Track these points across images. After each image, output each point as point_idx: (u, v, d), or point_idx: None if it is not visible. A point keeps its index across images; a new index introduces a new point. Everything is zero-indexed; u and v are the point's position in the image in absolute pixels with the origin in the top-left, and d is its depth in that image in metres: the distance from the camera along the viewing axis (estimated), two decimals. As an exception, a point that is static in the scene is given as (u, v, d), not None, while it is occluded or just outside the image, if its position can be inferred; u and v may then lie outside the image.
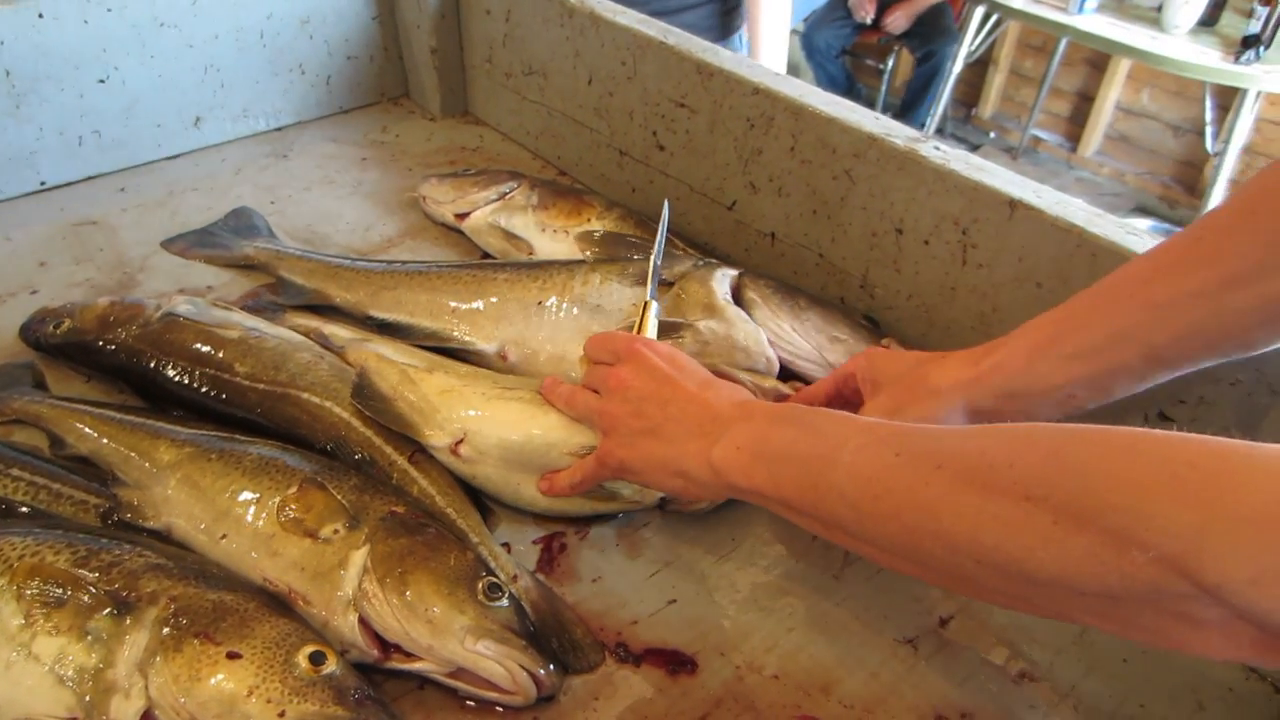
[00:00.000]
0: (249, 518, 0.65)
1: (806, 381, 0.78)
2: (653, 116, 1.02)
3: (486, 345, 0.83)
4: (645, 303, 0.74)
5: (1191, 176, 3.71)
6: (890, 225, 0.81)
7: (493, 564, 0.68)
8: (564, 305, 0.82)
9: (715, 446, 0.57)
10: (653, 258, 0.77)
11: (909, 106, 3.97)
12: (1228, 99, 3.02)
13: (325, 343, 0.84)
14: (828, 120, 0.83)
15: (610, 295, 0.82)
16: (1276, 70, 2.51)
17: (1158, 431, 0.40)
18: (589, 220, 0.99)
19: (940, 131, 4.31)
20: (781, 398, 0.74)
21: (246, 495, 0.67)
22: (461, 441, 0.72)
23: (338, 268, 0.93)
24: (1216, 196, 2.74)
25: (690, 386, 0.62)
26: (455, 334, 0.84)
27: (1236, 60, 2.47)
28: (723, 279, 0.80)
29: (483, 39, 1.24)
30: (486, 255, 1.03)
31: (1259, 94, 2.57)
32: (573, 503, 0.72)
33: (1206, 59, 2.54)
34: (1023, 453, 0.42)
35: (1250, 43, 2.46)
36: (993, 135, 4.38)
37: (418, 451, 0.74)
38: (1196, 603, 0.36)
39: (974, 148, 4.28)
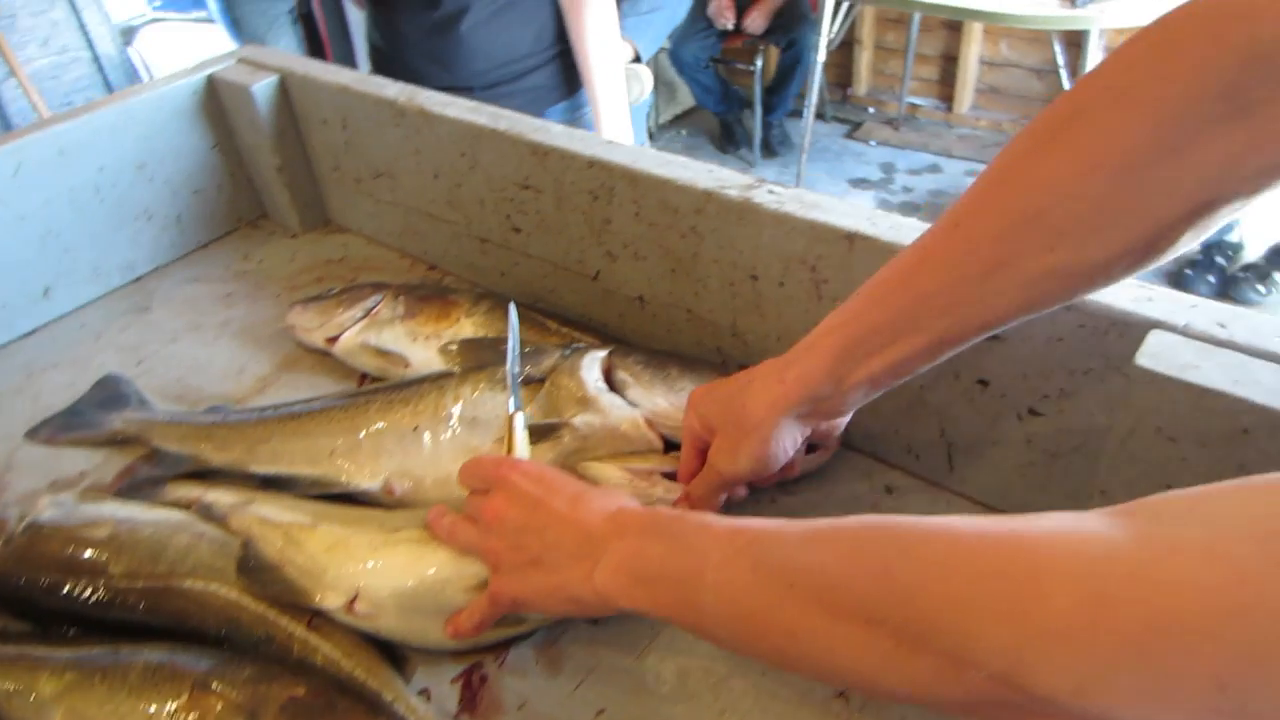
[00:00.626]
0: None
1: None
2: (502, 201, 1.01)
3: (370, 483, 0.80)
4: (509, 416, 0.73)
5: (1065, 114, 3.81)
6: (745, 273, 0.81)
7: None
8: (440, 427, 0.81)
9: (596, 570, 0.56)
10: (508, 367, 0.76)
11: (772, 94, 4.04)
12: (1076, 37, 3.11)
13: (208, 512, 0.81)
14: (663, 182, 0.83)
15: (485, 405, 0.81)
16: (1111, 6, 2.59)
17: (969, 530, 0.39)
18: (458, 320, 0.97)
19: (821, 116, 4.38)
20: (670, 475, 0.74)
21: (138, 717, 0.64)
22: (356, 598, 0.69)
23: (211, 427, 0.90)
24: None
25: (562, 507, 0.61)
26: (338, 478, 0.81)
27: (1074, 4, 2.55)
28: (591, 365, 0.80)
29: (326, 149, 1.22)
30: (367, 376, 1.01)
31: (1101, 32, 2.65)
32: (485, 634, 0.70)
33: (1046, 8, 2.62)
34: (857, 572, 0.42)
35: (1083, -15, 2.55)
36: (871, 110, 4.47)
37: (317, 615, 0.72)
38: (1042, 709, 0.35)
39: (856, 125, 4.37)
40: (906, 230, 0.71)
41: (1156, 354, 0.55)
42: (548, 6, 1.52)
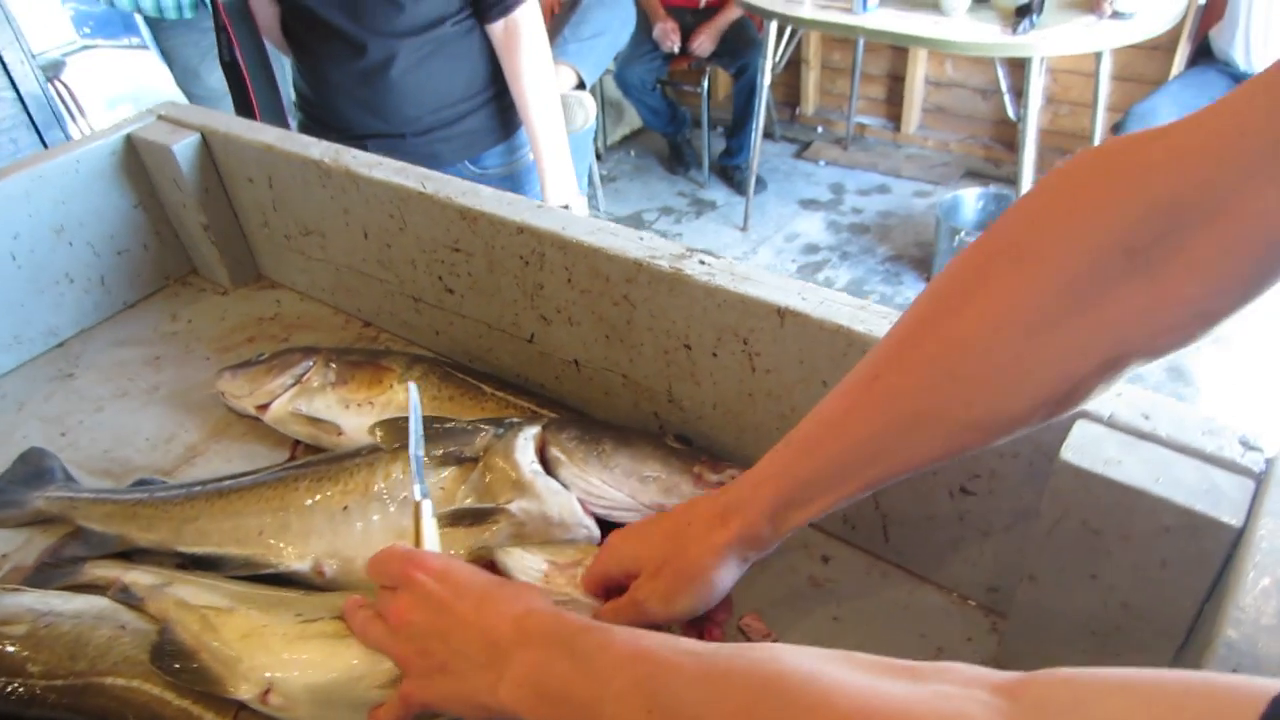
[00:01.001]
0: None
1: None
2: (434, 263, 0.99)
3: (300, 564, 0.78)
4: (415, 505, 0.71)
5: (1009, 134, 3.87)
6: (678, 342, 0.80)
7: (340, 816, 0.64)
8: (370, 506, 0.79)
9: (501, 683, 0.55)
10: (411, 451, 0.74)
11: (739, 124, 4.04)
12: (1019, 60, 3.16)
13: (126, 594, 0.78)
14: (594, 250, 0.81)
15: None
16: (1051, 34, 2.63)
17: (852, 700, 0.39)
18: (390, 386, 0.95)
19: (769, 135, 4.41)
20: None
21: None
22: (270, 690, 0.67)
23: (136, 505, 0.87)
24: (1030, 156, 2.85)
25: (468, 611, 0.59)
26: (267, 558, 0.79)
27: (1015, 31, 2.58)
28: (525, 446, 0.78)
29: (253, 206, 1.19)
30: (300, 444, 0.98)
31: (1042, 59, 2.69)
32: None
33: (987, 35, 2.65)
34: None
35: (1023, 12, 2.58)
36: (820, 130, 4.50)
37: (241, 710, 0.69)
38: None
39: (805, 145, 4.40)
40: (836, 306, 0.70)
41: (1081, 447, 0.55)
42: (479, 49, 1.50)
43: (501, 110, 1.55)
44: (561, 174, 1.58)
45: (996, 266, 0.48)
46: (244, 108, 1.51)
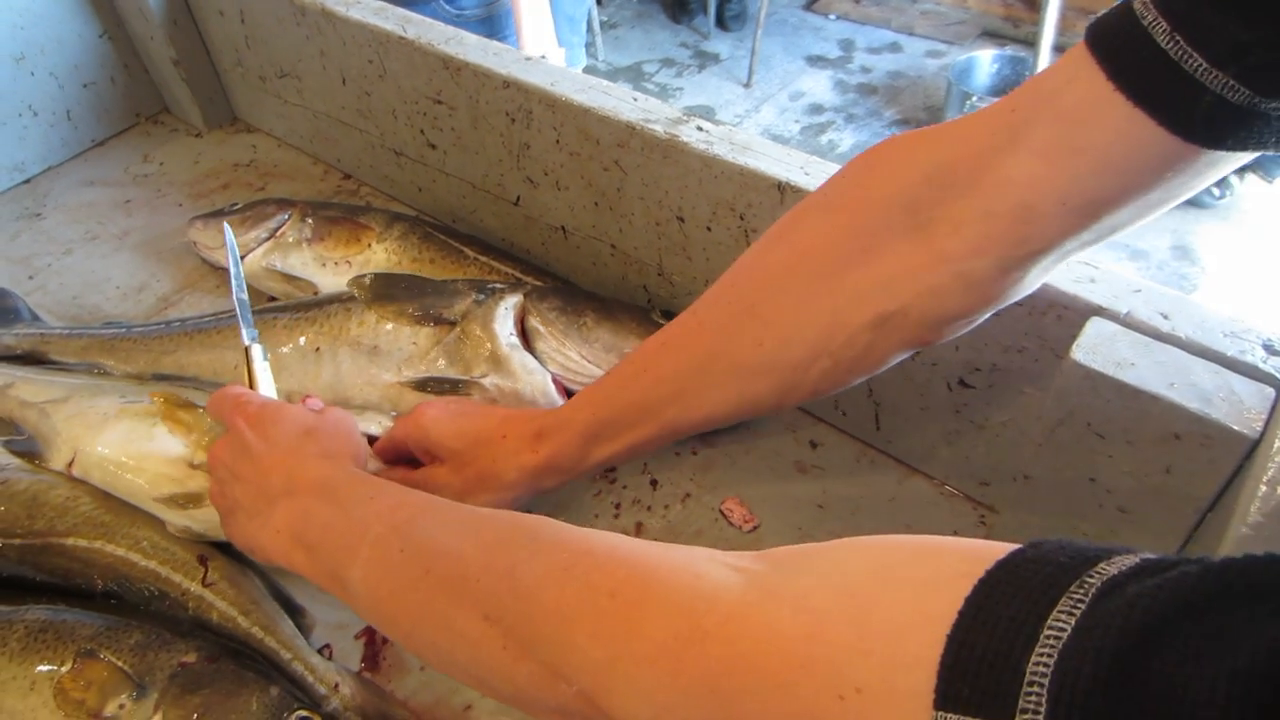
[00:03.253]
0: (29, 712, 0.60)
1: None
2: (415, 115, 0.93)
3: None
4: (245, 348, 0.69)
5: (1030, -8, 3.68)
6: (671, 214, 0.76)
7: (309, 679, 0.64)
8: (341, 350, 0.77)
9: (264, 529, 0.56)
10: (234, 294, 0.73)
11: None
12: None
13: None
14: (584, 111, 0.76)
15: (387, 336, 0.76)
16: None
17: (601, 545, 0.40)
18: (369, 245, 0.91)
19: (781, -13, 4.19)
20: None
21: (20, 683, 0.61)
22: (73, 461, 0.72)
23: (113, 339, 0.86)
24: (1052, 15, 2.71)
25: (262, 457, 0.58)
26: None
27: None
28: (505, 317, 0.74)
29: (226, 42, 1.11)
30: (275, 300, 0.95)
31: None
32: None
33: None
34: (487, 567, 0.42)
35: None
36: (833, -19, 4.27)
37: (210, 571, 0.68)
38: None
39: (816, -2, 4.18)
40: (841, 182, 0.65)
41: (1093, 347, 0.51)
42: None
43: None
44: (537, 22, 1.47)
45: (808, 214, 0.52)
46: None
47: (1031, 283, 0.48)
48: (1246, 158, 0.41)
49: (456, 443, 0.65)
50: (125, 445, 0.71)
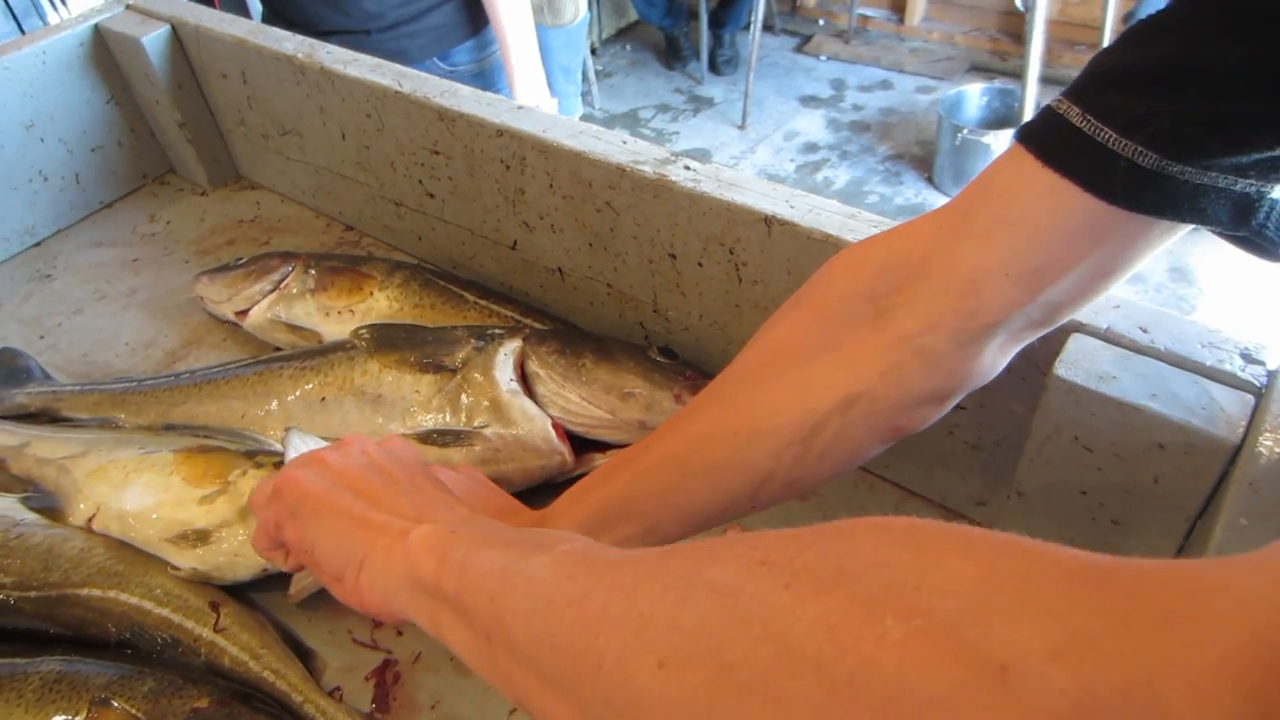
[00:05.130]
0: (41, 760, 0.61)
1: (607, 445, 0.76)
2: (413, 166, 0.96)
3: (279, 446, 0.79)
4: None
5: (1016, 25, 3.74)
6: (663, 251, 0.78)
7: (320, 724, 0.65)
8: (346, 399, 0.79)
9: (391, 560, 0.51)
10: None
11: (724, 14, 3.92)
12: (1030, -53, 3.03)
13: None
14: (575, 155, 0.78)
15: (390, 385, 0.78)
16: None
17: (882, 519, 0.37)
18: (371, 294, 0.93)
19: (769, 28, 4.26)
20: None
21: (35, 734, 0.62)
22: (95, 515, 0.74)
23: (124, 393, 0.88)
24: (1037, 49, 2.76)
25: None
26: (248, 439, 0.80)
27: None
28: (504, 363, 0.76)
29: (229, 103, 1.14)
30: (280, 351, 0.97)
31: (1054, -57, 2.57)
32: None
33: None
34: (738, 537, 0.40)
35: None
36: (821, 22, 4.35)
37: (222, 616, 0.70)
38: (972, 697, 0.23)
39: (806, 38, 4.26)
40: (825, 214, 0.67)
41: (1075, 363, 0.53)
42: None
43: (469, 4, 1.47)
44: (530, 74, 1.51)
45: (783, 315, 0.56)
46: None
47: (990, 362, 0.51)
48: (1176, 233, 0.45)
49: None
50: (144, 496, 0.73)
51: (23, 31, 2.48)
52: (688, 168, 0.74)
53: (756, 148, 3.55)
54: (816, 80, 3.96)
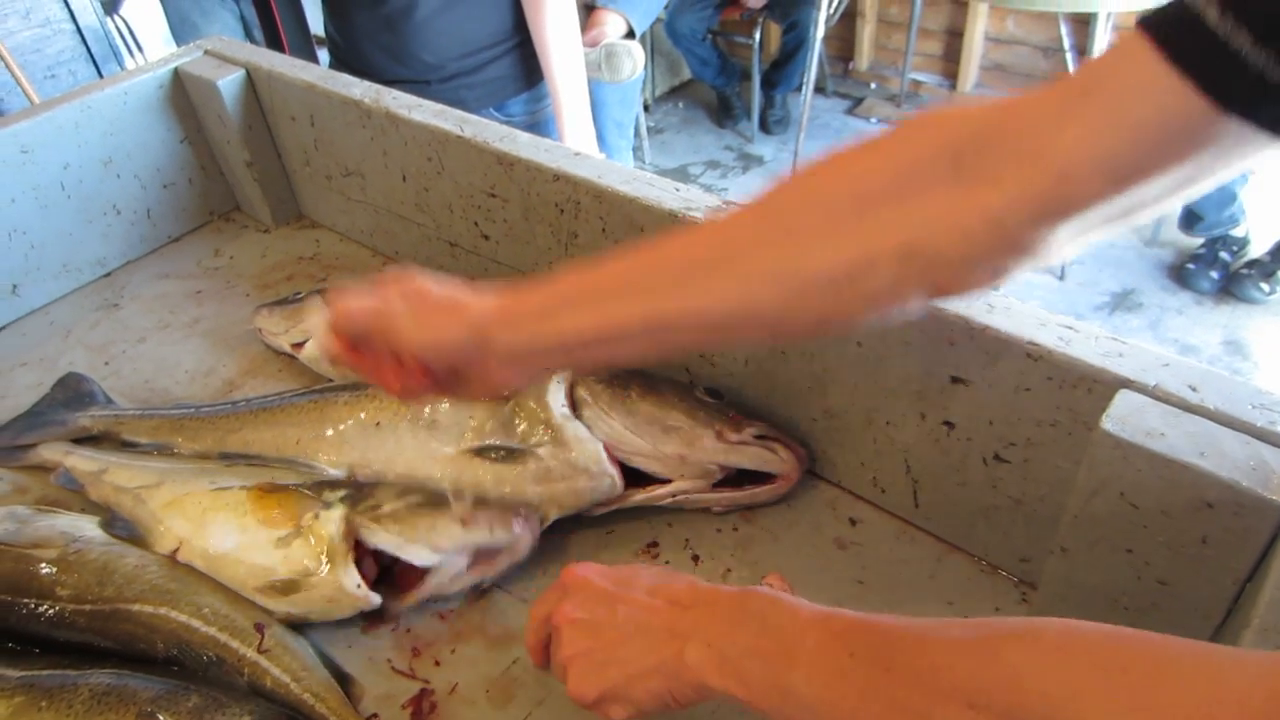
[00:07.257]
0: (87, 770, 0.62)
1: (646, 477, 0.77)
2: (470, 208, 0.98)
3: (334, 472, 0.81)
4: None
5: (1069, 93, 3.74)
6: (712, 297, 0.79)
7: (358, 750, 0.65)
8: (401, 425, 0.81)
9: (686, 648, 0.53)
10: None
11: (776, 70, 3.97)
12: (1084, 16, 3.05)
13: (67, 482, 0.86)
14: (629, 200, 0.80)
15: (444, 411, 0.80)
16: (1119, -13, 2.53)
17: (1085, 626, 0.39)
18: (424, 330, 0.95)
19: (821, 90, 4.31)
20: None
21: (81, 745, 0.63)
22: (179, 549, 0.76)
23: (182, 419, 0.90)
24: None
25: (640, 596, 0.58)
26: (303, 466, 0.83)
27: (1082, -17, 2.49)
28: (556, 389, 0.78)
29: (296, 145, 1.19)
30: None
31: (1109, 14, 2.59)
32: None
33: (1054, -13, 2.56)
34: (965, 651, 0.42)
35: (1091, -36, 2.48)
36: (873, 86, 4.39)
37: (266, 638, 0.71)
38: None
39: (857, 101, 4.30)
40: (874, 264, 0.68)
41: (1123, 418, 0.53)
42: None
43: (525, 58, 1.52)
44: (580, 128, 1.55)
45: (855, 151, 0.54)
46: (273, 44, 1.50)
47: (1056, 247, 0.49)
48: (1274, 148, 0.43)
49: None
50: (223, 538, 0.76)
51: (101, 76, 2.59)
52: (739, 216, 0.75)
53: (804, 206, 3.56)
54: (866, 141, 3.98)
